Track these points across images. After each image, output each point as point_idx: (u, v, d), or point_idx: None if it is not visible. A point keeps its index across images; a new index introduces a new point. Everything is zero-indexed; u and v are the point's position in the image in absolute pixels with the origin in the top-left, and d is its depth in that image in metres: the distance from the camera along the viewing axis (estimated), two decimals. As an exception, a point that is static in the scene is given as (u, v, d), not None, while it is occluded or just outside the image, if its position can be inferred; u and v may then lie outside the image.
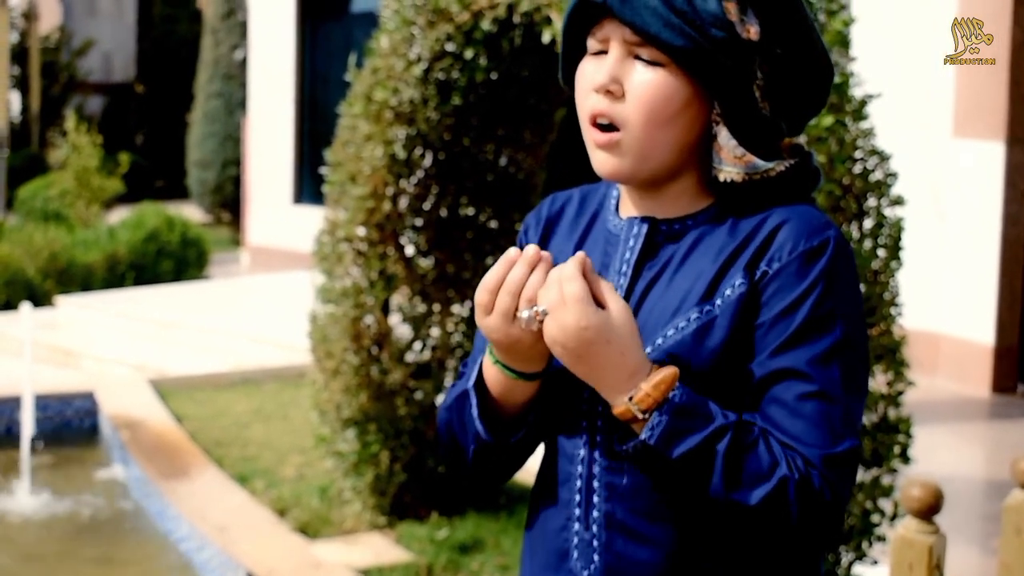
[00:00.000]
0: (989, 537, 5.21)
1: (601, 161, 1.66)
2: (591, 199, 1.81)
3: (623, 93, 1.63)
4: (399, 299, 5.37)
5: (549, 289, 1.57)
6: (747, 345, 1.61)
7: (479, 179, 5.35)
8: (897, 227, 3.73)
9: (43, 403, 6.92)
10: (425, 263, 5.33)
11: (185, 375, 7.92)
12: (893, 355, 3.75)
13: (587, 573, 1.68)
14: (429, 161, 5.18)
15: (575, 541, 1.69)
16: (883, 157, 3.76)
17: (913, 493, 3.06)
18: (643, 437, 1.56)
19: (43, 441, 6.63)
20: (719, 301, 1.62)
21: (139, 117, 20.42)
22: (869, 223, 3.75)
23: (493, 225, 5.43)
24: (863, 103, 3.75)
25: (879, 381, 3.79)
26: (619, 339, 1.55)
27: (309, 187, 13.04)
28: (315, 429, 5.47)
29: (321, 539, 5.21)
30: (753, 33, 1.63)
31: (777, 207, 1.65)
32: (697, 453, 1.54)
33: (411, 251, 5.30)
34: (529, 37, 4.81)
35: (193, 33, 19.40)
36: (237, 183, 15.03)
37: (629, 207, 1.74)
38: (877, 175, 3.75)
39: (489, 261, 5.41)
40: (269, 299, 10.44)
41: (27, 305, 6.65)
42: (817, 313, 1.59)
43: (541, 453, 1.79)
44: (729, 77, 1.61)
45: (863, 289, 3.64)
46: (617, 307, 1.57)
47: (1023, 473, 3.38)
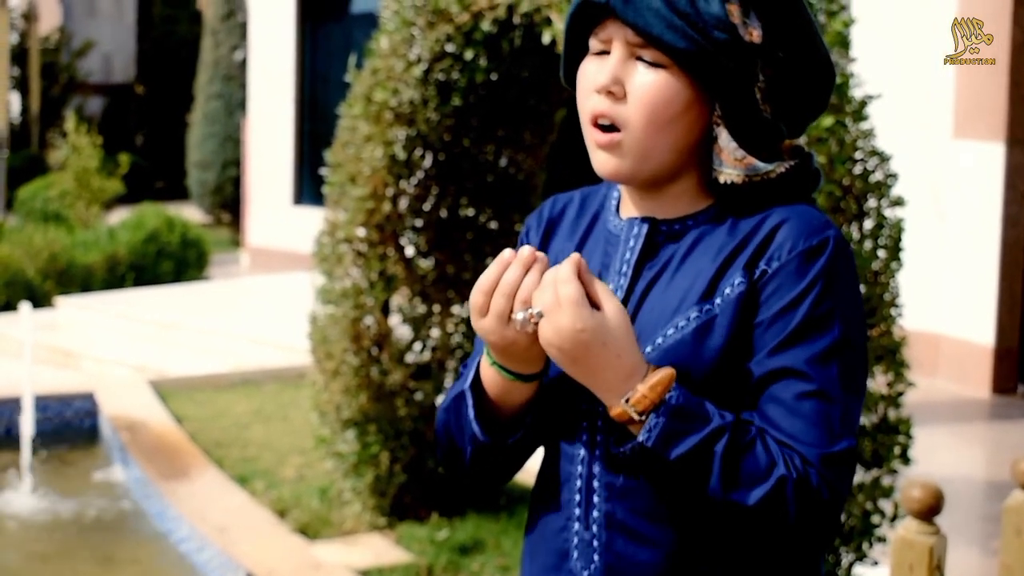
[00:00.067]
0: (989, 538, 5.20)
1: (602, 161, 1.67)
2: (592, 200, 1.81)
3: (624, 94, 1.63)
4: (399, 300, 5.37)
5: (544, 291, 1.56)
6: (746, 344, 1.61)
7: (479, 180, 5.35)
8: (897, 228, 3.73)
9: (43, 404, 6.92)
10: (425, 264, 5.33)
11: (185, 376, 7.92)
12: (893, 356, 3.75)
13: (587, 573, 1.68)
14: (429, 162, 5.18)
15: (575, 541, 1.69)
16: (883, 158, 3.77)
17: (913, 494, 3.06)
18: (640, 439, 1.56)
19: (43, 442, 6.63)
20: (719, 300, 1.62)
21: (139, 118, 20.42)
22: (869, 224, 3.75)
23: (493, 226, 5.43)
24: (863, 104, 3.75)
25: (879, 382, 3.79)
26: (615, 341, 1.55)
27: (309, 188, 13.04)
28: (315, 430, 5.47)
29: (321, 540, 5.21)
30: (755, 36, 1.63)
31: (777, 207, 1.65)
32: (695, 454, 1.54)
33: (411, 252, 5.30)
34: (529, 38, 4.81)
35: (193, 34, 19.39)
36: (237, 184, 15.03)
37: (629, 208, 1.74)
38: (877, 176, 3.75)
39: (489, 262, 5.40)
40: (269, 300, 10.44)
41: (27, 306, 6.65)
42: (816, 312, 1.59)
43: (541, 454, 1.79)
44: (731, 79, 1.61)
45: (863, 290, 3.64)
46: (612, 308, 1.56)
47: (1023, 474, 3.39)
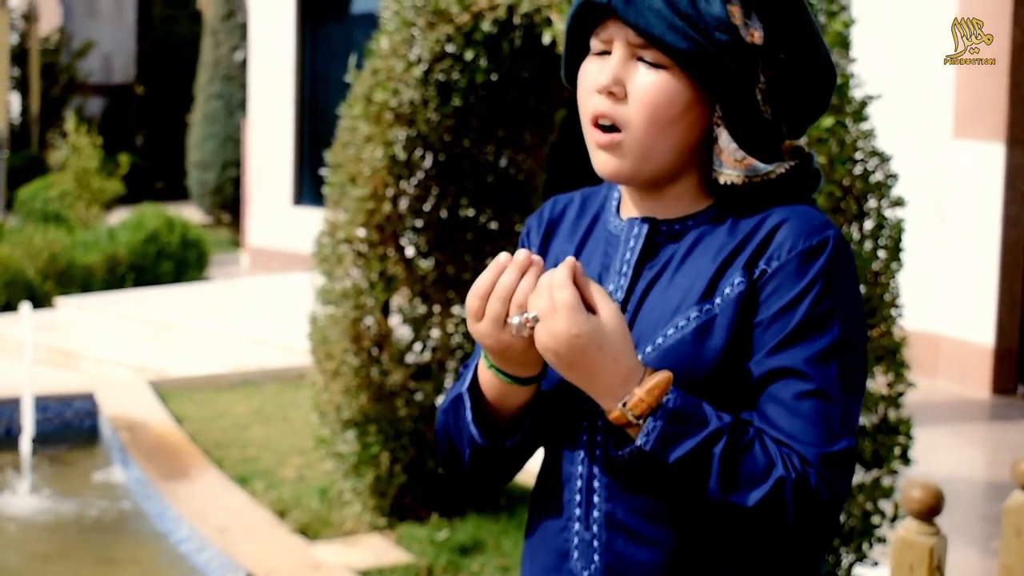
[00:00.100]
0: (989, 539, 5.20)
1: (602, 162, 1.66)
2: (592, 201, 1.81)
3: (625, 95, 1.63)
4: (399, 300, 5.37)
5: (540, 295, 1.56)
6: (746, 344, 1.61)
7: (479, 180, 5.35)
8: (897, 228, 3.73)
9: (43, 404, 6.92)
10: (425, 264, 5.33)
11: (185, 376, 7.92)
12: (893, 356, 3.75)
13: (587, 573, 1.68)
14: (429, 162, 5.18)
15: (575, 541, 1.69)
16: (883, 158, 3.76)
17: (914, 494, 3.06)
18: (639, 443, 1.55)
19: (43, 442, 6.63)
20: (718, 300, 1.62)
21: (139, 118, 20.42)
22: (869, 224, 3.75)
23: (493, 226, 5.43)
24: (863, 104, 3.75)
25: (879, 382, 3.79)
26: (611, 345, 1.55)
27: (309, 188, 13.04)
28: (315, 430, 5.47)
29: (321, 540, 5.21)
30: (757, 37, 1.63)
31: (777, 207, 1.65)
32: (693, 457, 1.54)
33: (411, 252, 5.30)
34: (529, 38, 4.81)
35: (193, 34, 19.40)
36: (237, 184, 15.03)
37: (630, 208, 1.74)
38: (877, 176, 3.75)
39: (489, 262, 5.40)
40: (269, 300, 10.44)
41: (27, 306, 6.65)
42: (815, 312, 1.59)
43: (541, 455, 1.79)
44: (731, 81, 1.61)
45: (863, 290, 3.64)
46: (608, 312, 1.56)
47: (1023, 475, 3.38)
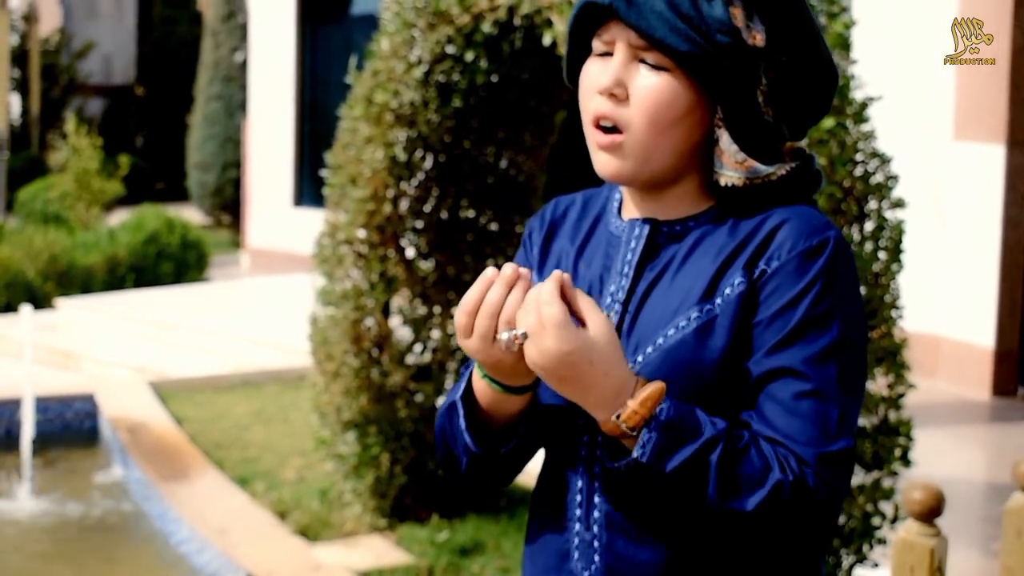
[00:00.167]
0: (990, 540, 5.20)
1: (603, 163, 1.67)
2: (593, 202, 1.81)
3: (627, 96, 1.63)
4: (400, 301, 5.37)
5: (528, 313, 1.54)
6: (747, 344, 1.61)
7: (479, 181, 5.35)
8: (898, 230, 3.73)
9: (43, 405, 6.92)
10: (426, 265, 5.33)
11: (185, 377, 7.92)
12: (894, 357, 3.75)
13: (588, 574, 1.68)
14: (430, 163, 5.18)
15: (576, 542, 1.69)
16: (884, 160, 3.77)
17: (914, 496, 3.06)
18: (635, 455, 1.55)
19: (43, 443, 6.63)
20: (719, 300, 1.62)
21: (139, 119, 20.42)
22: (870, 226, 3.75)
23: (494, 227, 5.43)
24: (864, 106, 3.75)
25: (880, 384, 3.79)
26: (602, 358, 1.54)
27: (309, 189, 13.04)
28: (315, 431, 5.47)
29: (321, 541, 5.21)
30: (759, 39, 1.63)
31: (778, 208, 1.65)
32: (690, 466, 1.54)
33: (412, 253, 5.30)
34: (530, 39, 4.81)
35: (193, 35, 19.39)
36: (237, 185, 15.03)
37: (631, 209, 1.74)
38: (878, 178, 3.75)
39: (489, 263, 5.41)
40: (269, 301, 10.44)
41: (27, 307, 6.65)
42: (815, 312, 1.59)
43: (542, 456, 1.79)
44: (733, 83, 1.61)
45: (864, 292, 3.64)
46: (598, 324, 1.55)
47: (1024, 476, 3.38)
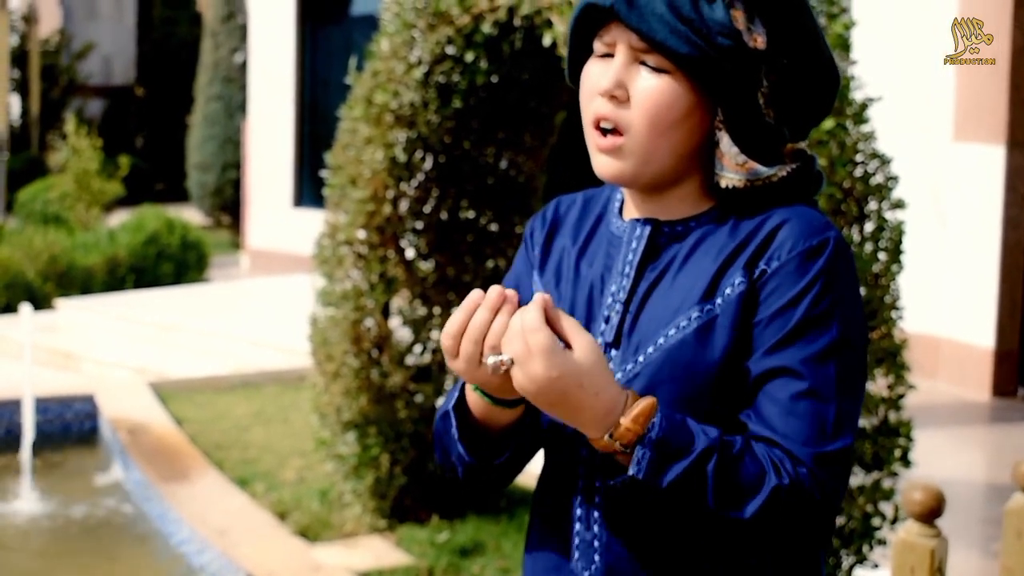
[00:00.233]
0: (990, 541, 5.20)
1: (603, 164, 1.67)
2: (595, 202, 1.82)
3: (628, 98, 1.63)
4: (399, 302, 5.37)
5: (513, 341, 1.54)
6: (747, 344, 1.61)
7: (479, 182, 5.35)
8: (898, 230, 3.73)
9: (43, 406, 6.92)
10: (425, 266, 5.33)
11: (185, 378, 7.91)
12: (894, 358, 3.75)
13: (588, 574, 1.68)
14: (429, 164, 5.18)
15: (576, 541, 1.69)
16: (884, 160, 3.76)
17: (915, 496, 3.06)
18: (631, 472, 1.55)
19: (43, 444, 6.62)
20: (719, 300, 1.62)
21: (139, 120, 20.42)
22: (870, 226, 3.75)
23: (493, 228, 5.43)
24: (864, 106, 3.75)
25: (880, 384, 3.79)
26: (591, 380, 1.53)
27: (309, 190, 13.04)
28: (315, 432, 5.46)
29: (321, 542, 5.21)
30: (760, 42, 1.63)
31: (778, 208, 1.65)
32: (687, 478, 1.54)
33: (411, 254, 5.30)
34: (530, 40, 4.81)
35: (193, 36, 19.39)
36: (237, 186, 15.03)
37: (632, 210, 1.74)
38: (878, 178, 3.75)
39: (490, 264, 5.42)
40: (269, 302, 10.44)
41: (27, 308, 6.65)
42: (814, 312, 1.59)
43: (542, 456, 1.79)
44: (734, 86, 1.61)
45: (864, 292, 3.64)
46: (584, 345, 1.54)
47: (1024, 476, 3.38)
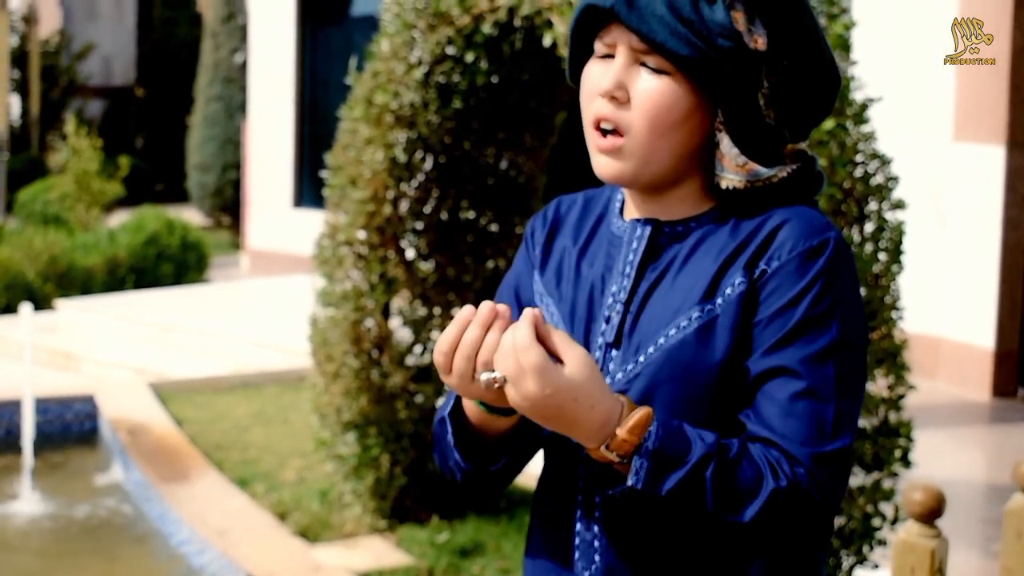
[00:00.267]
0: (990, 541, 5.20)
1: (603, 165, 1.67)
2: (595, 202, 1.82)
3: (628, 99, 1.63)
4: (399, 302, 5.37)
5: (505, 359, 1.53)
6: (747, 344, 1.62)
7: (480, 183, 5.35)
8: (898, 231, 3.73)
9: (43, 406, 6.92)
10: (426, 266, 5.33)
11: (185, 378, 7.91)
12: (894, 359, 3.75)
13: (588, 574, 1.68)
14: (430, 165, 5.18)
15: (576, 542, 1.69)
16: (884, 161, 3.76)
17: (915, 497, 3.06)
18: (629, 483, 1.55)
19: (43, 444, 6.62)
20: (720, 300, 1.62)
21: (139, 120, 20.42)
22: (870, 227, 3.75)
23: (494, 228, 5.43)
24: (864, 107, 3.75)
25: (880, 385, 3.79)
26: (585, 394, 1.53)
27: (309, 191, 13.04)
28: (315, 432, 5.46)
29: (321, 543, 5.21)
30: (760, 43, 1.63)
31: (778, 208, 1.65)
32: (685, 485, 1.54)
33: (412, 254, 5.30)
34: (530, 41, 4.81)
35: (193, 36, 19.39)
36: (237, 187, 15.03)
37: (633, 210, 1.74)
38: (878, 179, 3.75)
39: (490, 264, 5.42)
40: (269, 303, 10.44)
41: (27, 308, 6.64)
42: (814, 312, 1.59)
43: (542, 457, 1.79)
44: (734, 87, 1.61)
45: (864, 293, 3.64)
46: (576, 359, 1.54)
47: (1024, 477, 3.38)
